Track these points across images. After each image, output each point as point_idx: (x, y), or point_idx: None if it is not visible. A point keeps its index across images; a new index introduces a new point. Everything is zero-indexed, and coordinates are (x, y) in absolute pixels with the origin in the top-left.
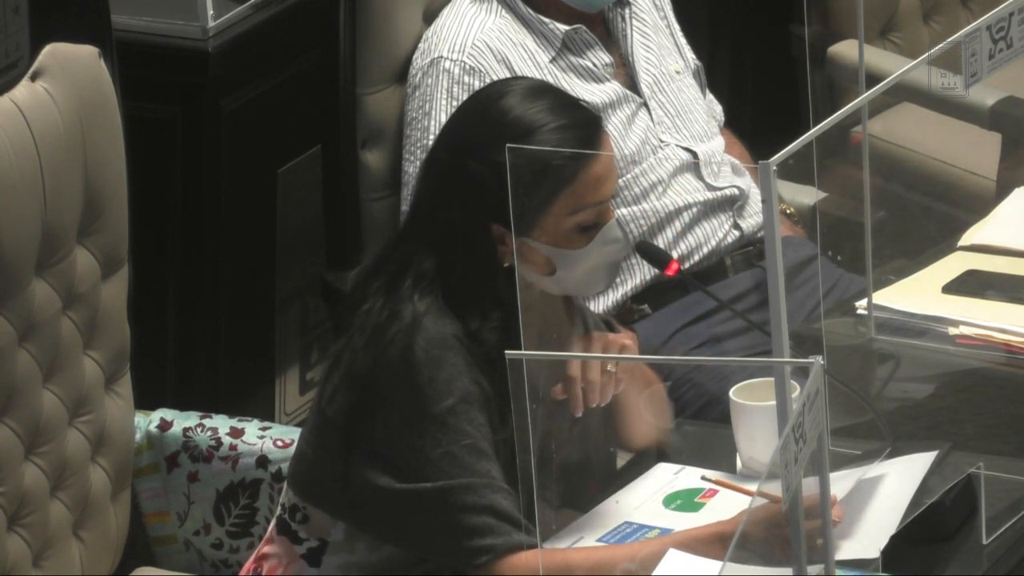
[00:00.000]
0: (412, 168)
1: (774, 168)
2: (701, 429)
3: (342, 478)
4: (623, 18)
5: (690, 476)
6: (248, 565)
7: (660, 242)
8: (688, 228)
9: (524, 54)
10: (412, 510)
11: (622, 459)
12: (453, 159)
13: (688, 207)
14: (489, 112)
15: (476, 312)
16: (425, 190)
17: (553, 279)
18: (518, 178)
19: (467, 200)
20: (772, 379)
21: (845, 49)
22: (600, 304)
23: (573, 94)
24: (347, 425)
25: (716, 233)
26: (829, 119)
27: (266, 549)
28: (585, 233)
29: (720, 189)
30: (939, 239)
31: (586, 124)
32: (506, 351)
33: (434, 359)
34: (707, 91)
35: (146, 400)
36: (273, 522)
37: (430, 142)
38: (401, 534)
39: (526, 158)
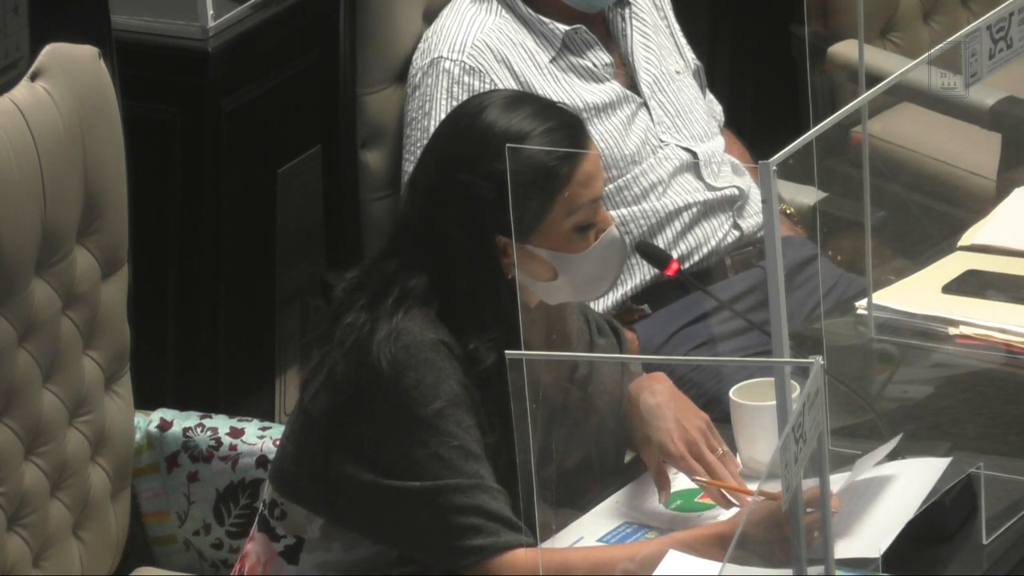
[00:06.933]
0: (412, 168)
1: (774, 168)
2: None
3: (322, 475)
4: (623, 18)
5: None
6: (236, 566)
7: (660, 242)
8: (688, 228)
9: (524, 54)
10: (398, 508)
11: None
12: (445, 176)
13: (688, 207)
14: (474, 127)
15: (474, 329)
16: (414, 209)
17: (555, 284)
18: (516, 183)
19: (469, 215)
20: (772, 379)
21: (845, 49)
22: (600, 304)
23: (573, 94)
24: (329, 424)
25: (716, 233)
26: (829, 119)
27: (248, 547)
28: (582, 234)
29: (720, 189)
30: (939, 239)
31: (570, 124)
32: (506, 351)
33: (420, 363)
34: (707, 91)
35: (146, 400)
36: (256, 519)
37: None
38: (386, 531)
39: (523, 163)
